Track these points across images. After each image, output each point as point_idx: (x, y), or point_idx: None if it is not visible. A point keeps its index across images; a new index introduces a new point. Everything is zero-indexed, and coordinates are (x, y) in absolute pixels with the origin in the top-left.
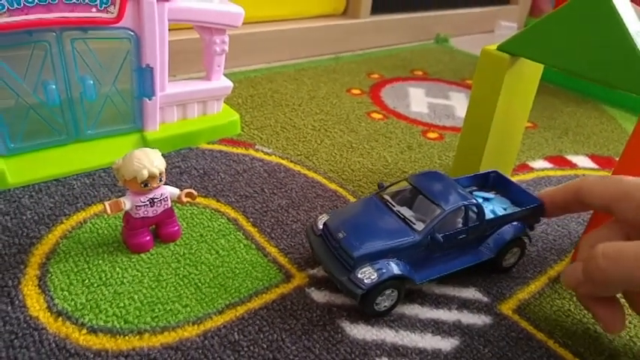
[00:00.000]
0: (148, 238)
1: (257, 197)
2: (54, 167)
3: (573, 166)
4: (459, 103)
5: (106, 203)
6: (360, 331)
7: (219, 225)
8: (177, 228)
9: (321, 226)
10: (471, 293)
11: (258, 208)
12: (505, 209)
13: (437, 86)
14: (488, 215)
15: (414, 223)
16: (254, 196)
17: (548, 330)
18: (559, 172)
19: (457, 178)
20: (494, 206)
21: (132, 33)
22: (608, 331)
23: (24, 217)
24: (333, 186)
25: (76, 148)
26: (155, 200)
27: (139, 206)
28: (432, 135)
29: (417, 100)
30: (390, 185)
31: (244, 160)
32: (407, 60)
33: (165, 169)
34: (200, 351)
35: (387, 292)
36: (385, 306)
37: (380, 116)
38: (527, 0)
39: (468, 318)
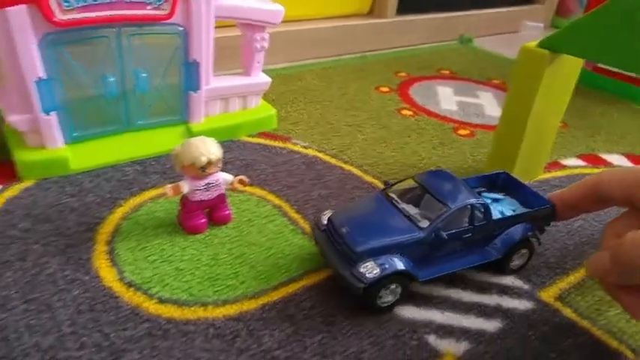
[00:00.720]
0: (203, 220)
1: (298, 187)
2: (109, 155)
3: (608, 164)
4: (487, 102)
5: (167, 187)
6: (408, 311)
7: (266, 211)
8: (228, 212)
9: (325, 222)
10: (510, 280)
11: (300, 197)
12: (514, 210)
13: (464, 85)
14: (496, 216)
15: (419, 221)
16: (295, 186)
17: (591, 318)
18: (595, 170)
19: (466, 178)
20: (503, 207)
21: (181, 29)
22: (637, 319)
23: (87, 200)
24: (368, 178)
25: (128, 137)
26: (210, 185)
27: (196, 190)
28: (463, 132)
29: (446, 99)
30: (396, 183)
31: (283, 153)
32: (432, 60)
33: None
34: (260, 322)
35: (392, 287)
36: (388, 301)
37: (410, 113)
38: None
39: (509, 303)
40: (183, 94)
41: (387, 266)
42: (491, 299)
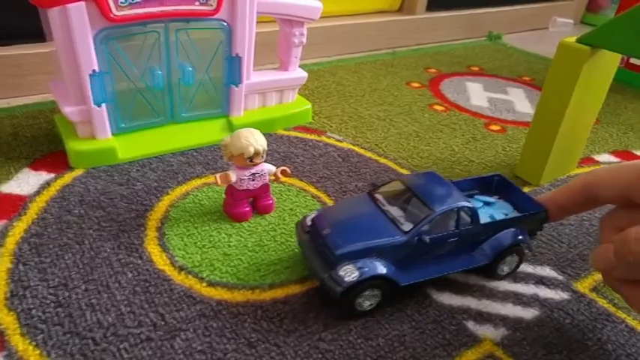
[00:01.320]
0: (248, 209)
1: (335, 179)
2: (154, 145)
3: None
4: (517, 99)
5: (217, 175)
6: (446, 298)
7: (306, 201)
8: (271, 201)
9: (309, 223)
10: (545, 271)
11: (337, 188)
12: (506, 214)
13: (494, 82)
14: (485, 220)
15: (402, 224)
16: (332, 178)
17: (626, 308)
18: None
19: (460, 180)
20: (494, 211)
21: (225, 24)
22: None
23: (136, 188)
24: (404, 171)
25: (171, 129)
26: (256, 175)
27: (243, 179)
28: (494, 127)
29: (477, 95)
30: (383, 185)
31: (319, 146)
32: (462, 56)
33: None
34: (306, 305)
35: (370, 292)
36: (370, 305)
37: (442, 108)
38: None
39: (545, 293)
40: (225, 87)
41: (366, 270)
42: (527, 289)
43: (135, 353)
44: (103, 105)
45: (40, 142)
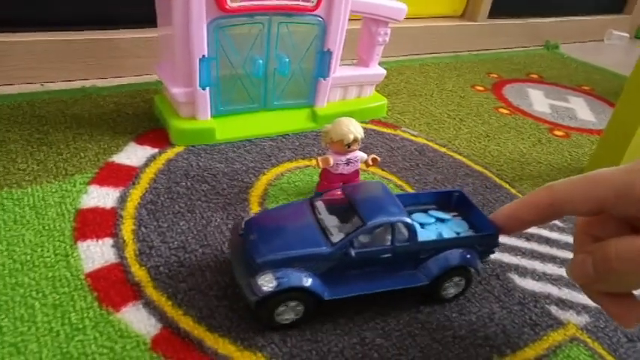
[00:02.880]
0: (339, 191)
1: (414, 170)
2: (248, 129)
3: None
4: (579, 107)
5: (318, 158)
6: (529, 284)
7: (390, 189)
8: None
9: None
10: None
11: (417, 179)
12: (458, 233)
13: (554, 90)
14: (430, 237)
15: (333, 235)
16: (411, 169)
17: None
18: None
19: (418, 192)
20: (445, 228)
21: (321, 20)
22: (624, 327)
23: (235, 167)
24: (478, 167)
25: (263, 115)
26: (351, 161)
27: (339, 164)
28: (558, 133)
29: (538, 101)
30: (328, 191)
31: (395, 139)
32: (521, 63)
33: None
34: None
35: (292, 303)
36: (288, 319)
37: (507, 112)
38: None
39: None
40: (314, 79)
41: (284, 280)
42: None
43: None
44: (207, 88)
45: (141, 119)
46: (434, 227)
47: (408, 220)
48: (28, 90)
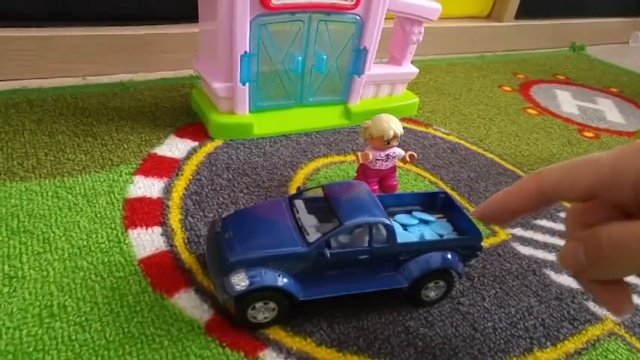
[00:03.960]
0: (376, 187)
1: (447, 168)
2: (284, 125)
3: None
4: (608, 108)
5: (359, 153)
6: (565, 280)
7: (425, 186)
8: (396, 182)
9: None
10: None
11: (451, 176)
12: (441, 235)
13: (582, 91)
14: (408, 239)
15: (309, 234)
16: (445, 167)
17: None
18: None
19: (403, 193)
20: (428, 230)
21: (359, 18)
22: (615, 315)
23: (273, 161)
24: (510, 166)
25: (298, 111)
26: (389, 156)
27: (378, 160)
28: (588, 134)
29: (566, 102)
30: (308, 190)
31: (427, 137)
32: (547, 64)
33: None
34: None
35: (265, 303)
36: (265, 317)
37: (535, 112)
38: None
39: None
40: (349, 77)
41: (257, 279)
42: None
43: None
44: (247, 84)
45: (179, 112)
46: (417, 229)
47: (387, 221)
48: (71, 83)
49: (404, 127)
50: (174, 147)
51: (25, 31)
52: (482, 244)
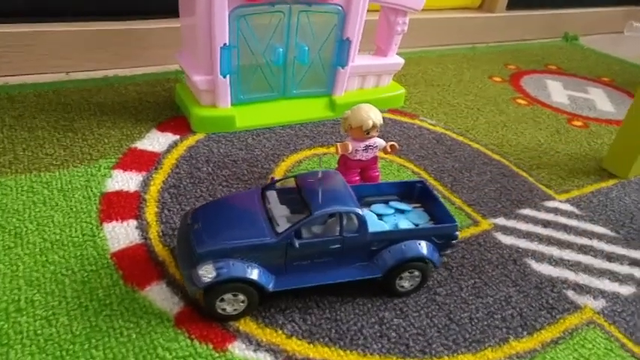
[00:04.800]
0: (357, 178)
1: (432, 158)
2: (267, 118)
3: None
4: (598, 98)
5: (338, 144)
6: (545, 269)
7: (407, 175)
8: (378, 173)
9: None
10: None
11: (435, 166)
12: (417, 225)
13: (573, 81)
14: (382, 228)
15: (278, 225)
16: (429, 157)
17: None
18: None
19: (380, 183)
20: (404, 220)
21: (341, 9)
22: None
23: (254, 153)
24: (496, 156)
25: (282, 104)
26: (369, 147)
27: (357, 150)
28: (577, 123)
29: (557, 92)
30: (281, 180)
31: (413, 128)
32: (539, 55)
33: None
34: None
35: (234, 295)
36: (235, 310)
37: (525, 102)
38: None
39: None
40: (332, 68)
41: (224, 271)
42: (622, 268)
43: None
44: (228, 76)
45: (162, 107)
46: (392, 218)
47: (358, 210)
48: (54, 79)
49: (390, 119)
50: (155, 141)
51: (7, 27)
52: (457, 233)
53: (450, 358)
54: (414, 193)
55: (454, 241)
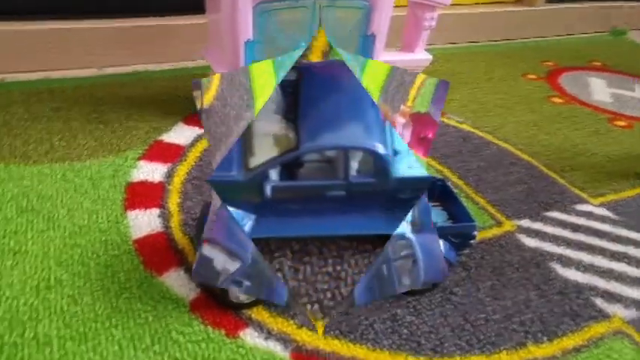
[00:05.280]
0: None
1: (457, 157)
2: None
3: None
4: None
5: None
6: (572, 274)
7: (431, 174)
8: None
9: None
10: None
11: (460, 165)
12: (435, 223)
13: (619, 78)
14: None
15: (253, 155)
16: (454, 156)
17: None
18: None
19: None
20: None
21: (367, 4)
22: None
23: None
24: (525, 156)
25: None
26: None
27: None
28: (619, 123)
29: (599, 90)
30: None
31: (439, 125)
32: (582, 50)
33: None
34: None
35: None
36: (249, 298)
37: (561, 101)
38: None
39: None
40: None
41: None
42: None
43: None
44: None
45: (189, 101)
46: None
47: (374, 147)
48: (87, 74)
49: None
50: (180, 134)
51: (47, 24)
52: (475, 233)
53: (462, 359)
54: (434, 191)
55: (472, 241)
